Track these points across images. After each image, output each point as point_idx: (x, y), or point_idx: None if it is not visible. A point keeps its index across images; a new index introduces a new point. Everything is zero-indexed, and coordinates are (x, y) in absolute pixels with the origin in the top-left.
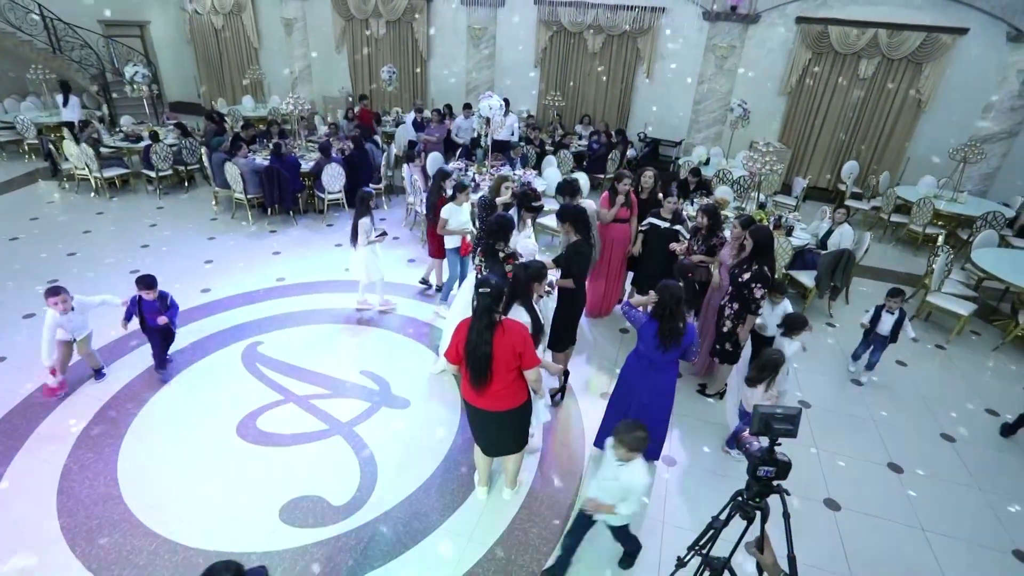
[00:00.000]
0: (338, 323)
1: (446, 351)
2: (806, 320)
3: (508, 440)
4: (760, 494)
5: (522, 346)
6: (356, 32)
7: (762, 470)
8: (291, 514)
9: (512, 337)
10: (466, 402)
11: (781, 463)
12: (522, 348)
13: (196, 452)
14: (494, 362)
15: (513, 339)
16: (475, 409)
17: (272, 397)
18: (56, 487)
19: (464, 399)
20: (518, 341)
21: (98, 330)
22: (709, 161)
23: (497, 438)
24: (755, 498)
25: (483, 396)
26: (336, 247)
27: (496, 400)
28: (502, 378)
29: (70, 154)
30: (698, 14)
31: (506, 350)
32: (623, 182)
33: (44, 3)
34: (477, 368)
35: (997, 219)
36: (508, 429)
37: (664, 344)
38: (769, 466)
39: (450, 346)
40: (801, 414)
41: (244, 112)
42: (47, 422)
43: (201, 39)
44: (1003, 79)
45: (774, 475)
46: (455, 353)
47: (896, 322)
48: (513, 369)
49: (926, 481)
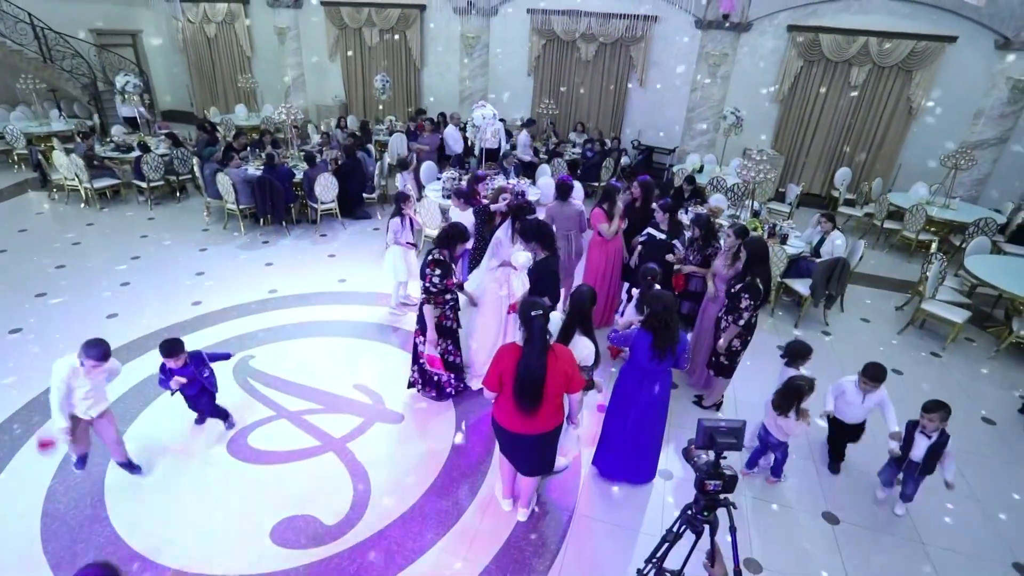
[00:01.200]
0: (331, 336)
1: (485, 379)
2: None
3: (545, 461)
4: (708, 507)
5: (572, 368)
6: (350, 41)
7: (709, 484)
8: (282, 535)
9: (563, 360)
10: (504, 429)
11: (727, 476)
12: (572, 370)
13: (186, 471)
14: (547, 387)
15: (564, 362)
16: (513, 434)
17: (264, 413)
18: (40, 509)
19: (501, 426)
20: (568, 363)
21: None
22: (703, 169)
23: (536, 458)
24: (703, 511)
25: (528, 421)
26: (329, 257)
27: (542, 422)
28: (551, 401)
29: (60, 164)
30: (690, 22)
31: (558, 373)
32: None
33: (35, 12)
34: (531, 393)
35: (989, 225)
36: (547, 450)
37: (659, 354)
38: (716, 480)
39: (490, 374)
40: (744, 427)
41: (237, 121)
42: (31, 442)
43: (194, 48)
44: (992, 86)
45: (721, 488)
46: (496, 381)
47: (932, 448)
48: (561, 393)
49: (924, 493)
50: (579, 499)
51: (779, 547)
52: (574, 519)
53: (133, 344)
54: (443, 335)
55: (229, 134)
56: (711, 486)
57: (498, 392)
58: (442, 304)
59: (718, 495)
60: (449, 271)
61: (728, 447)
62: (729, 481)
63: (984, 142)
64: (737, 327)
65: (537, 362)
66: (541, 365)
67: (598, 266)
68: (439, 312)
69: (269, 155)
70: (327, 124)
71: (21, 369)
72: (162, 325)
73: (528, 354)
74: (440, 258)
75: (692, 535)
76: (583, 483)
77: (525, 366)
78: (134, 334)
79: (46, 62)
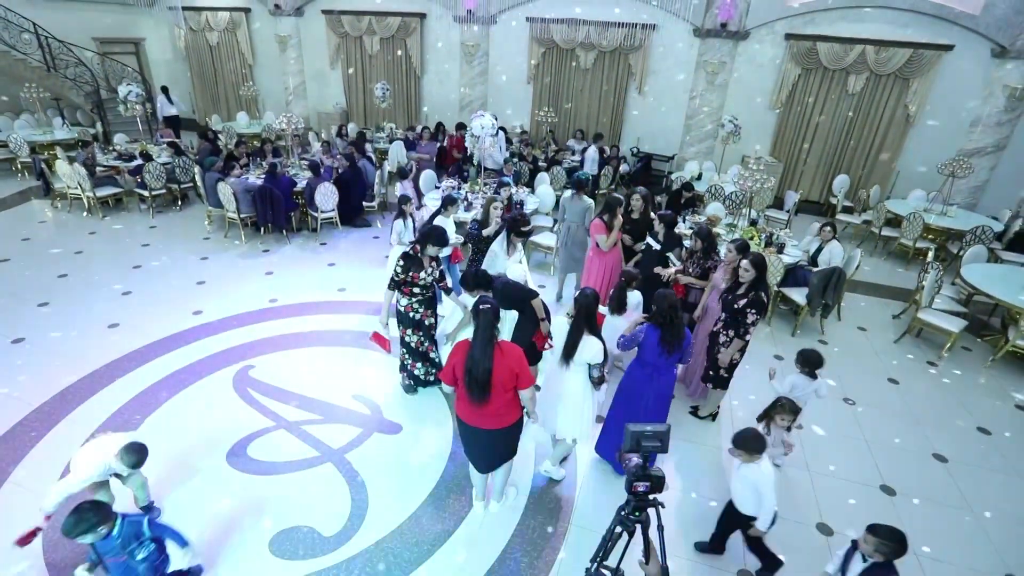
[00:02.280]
0: (330, 346)
1: (441, 371)
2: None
3: (500, 456)
4: (638, 508)
5: (519, 367)
6: (350, 49)
7: (639, 485)
8: (281, 546)
9: (510, 358)
10: (461, 421)
11: (655, 477)
12: (519, 369)
13: (186, 481)
14: (493, 379)
15: (511, 360)
16: (471, 428)
17: (263, 423)
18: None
19: (459, 418)
20: (515, 362)
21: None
22: (701, 176)
23: (491, 455)
24: (634, 511)
25: (481, 414)
26: (329, 266)
27: (493, 419)
28: (499, 397)
29: (62, 173)
30: (689, 31)
31: (504, 370)
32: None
33: (39, 22)
34: (478, 386)
35: (986, 233)
36: (501, 445)
37: (668, 349)
38: (644, 481)
39: (447, 366)
40: (670, 431)
41: (238, 129)
42: (33, 453)
43: (196, 56)
44: (989, 94)
45: (649, 489)
46: (451, 374)
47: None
48: (510, 389)
49: (918, 503)
50: (575, 509)
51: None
52: (570, 530)
53: (134, 354)
54: (408, 325)
55: (231, 142)
56: (640, 487)
57: (453, 384)
58: (408, 294)
59: (647, 496)
60: (418, 266)
61: (654, 450)
62: (657, 482)
63: (981, 150)
64: (743, 342)
65: (482, 353)
66: (486, 357)
67: (597, 275)
68: (406, 303)
69: (272, 165)
70: (328, 132)
71: (25, 379)
72: (163, 334)
73: (474, 346)
74: (410, 252)
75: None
76: (578, 493)
77: (471, 357)
78: (135, 344)
79: (50, 71)
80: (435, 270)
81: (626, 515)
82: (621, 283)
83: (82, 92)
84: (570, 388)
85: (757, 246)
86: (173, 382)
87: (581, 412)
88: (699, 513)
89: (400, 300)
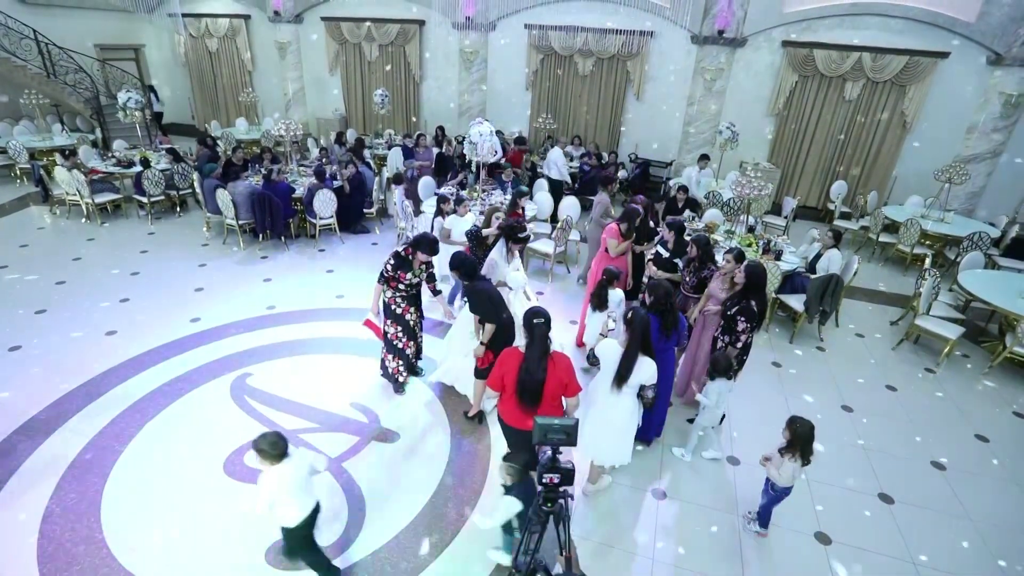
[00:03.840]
0: (328, 353)
1: (488, 380)
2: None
3: None
4: (549, 499)
5: (568, 376)
6: (349, 55)
7: (547, 477)
8: (277, 556)
9: (560, 368)
10: (507, 425)
11: (564, 470)
12: (568, 378)
13: (182, 491)
14: (545, 390)
15: (561, 371)
16: (517, 430)
17: (261, 432)
18: (37, 530)
19: (505, 422)
20: (565, 372)
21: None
22: (700, 182)
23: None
24: (546, 503)
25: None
26: (327, 273)
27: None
28: (548, 404)
29: (61, 180)
30: (686, 38)
31: (555, 381)
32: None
33: (39, 28)
34: (531, 393)
35: (983, 239)
36: None
37: (666, 333)
38: (553, 473)
39: (493, 375)
40: (578, 425)
41: (237, 135)
42: (29, 462)
43: (195, 62)
44: (985, 100)
45: (559, 481)
46: (500, 381)
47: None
48: (558, 396)
49: (917, 512)
50: (572, 519)
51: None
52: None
53: (132, 362)
54: (388, 316)
55: (229, 148)
56: (550, 479)
57: (500, 392)
58: (394, 288)
59: (558, 487)
60: (407, 267)
61: (561, 443)
62: (566, 474)
63: (978, 156)
64: (735, 349)
65: (537, 366)
66: (541, 368)
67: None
68: (390, 295)
69: (268, 171)
70: (327, 139)
71: (21, 387)
72: (161, 342)
73: (529, 358)
74: (401, 252)
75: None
76: (576, 504)
77: (526, 370)
78: (133, 351)
79: (50, 77)
80: (424, 272)
81: (538, 506)
82: (602, 280)
83: (82, 98)
84: (619, 412)
85: (755, 253)
86: (171, 390)
87: (627, 437)
88: (702, 522)
89: (386, 291)
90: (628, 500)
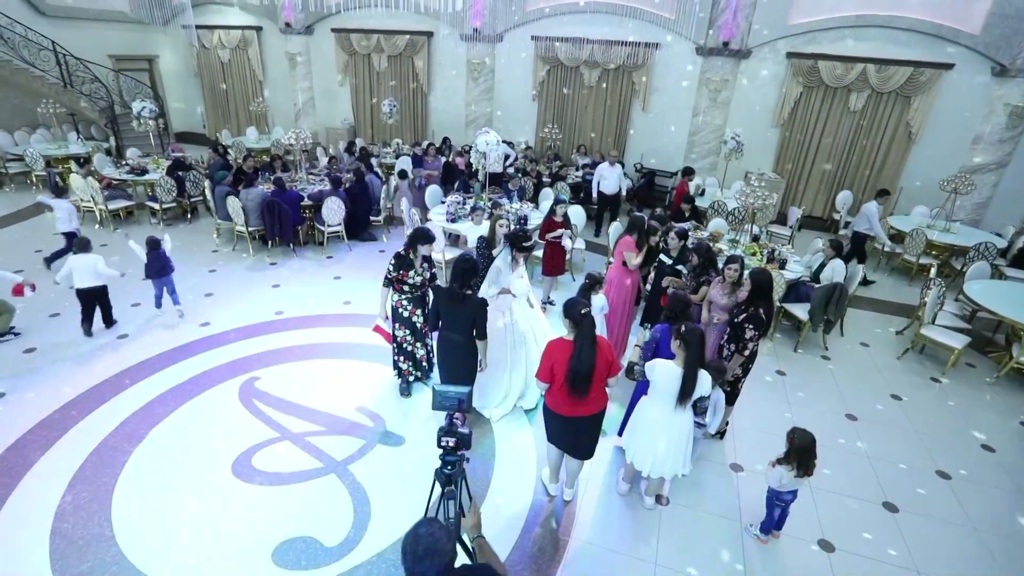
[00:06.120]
0: (335, 358)
1: (538, 372)
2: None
3: (591, 440)
4: (448, 462)
5: (611, 355)
6: (359, 66)
7: (443, 440)
8: (284, 556)
9: (605, 349)
10: (558, 415)
11: (461, 435)
12: (612, 357)
13: (191, 491)
14: (595, 373)
15: (606, 351)
16: (570, 419)
17: (268, 434)
18: (50, 527)
19: (555, 412)
20: (608, 351)
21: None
22: (704, 192)
23: (589, 439)
24: (446, 466)
25: (583, 404)
26: (335, 279)
27: (592, 404)
28: (597, 386)
29: (76, 186)
30: (691, 49)
31: (603, 362)
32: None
33: (58, 40)
34: (583, 380)
35: (989, 249)
36: (594, 428)
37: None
38: (450, 436)
39: (542, 367)
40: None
41: (248, 144)
42: (43, 460)
43: (207, 72)
44: (991, 111)
45: (455, 445)
46: (549, 372)
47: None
48: (604, 377)
49: (921, 521)
50: (576, 523)
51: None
52: (571, 542)
53: (143, 364)
54: (397, 320)
55: (240, 156)
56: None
57: (549, 382)
58: (399, 291)
59: (456, 450)
60: (408, 265)
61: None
62: (463, 439)
63: (984, 167)
64: (742, 356)
65: (588, 353)
66: (591, 356)
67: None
68: (397, 299)
69: (278, 179)
70: (335, 147)
71: (36, 387)
72: (171, 345)
73: (580, 347)
74: (402, 253)
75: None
76: (579, 507)
77: (578, 359)
78: (144, 355)
79: (66, 87)
80: (426, 271)
81: (439, 469)
82: (585, 285)
83: (97, 107)
84: (680, 427)
85: (759, 262)
86: (180, 393)
87: (688, 447)
88: (705, 528)
89: (392, 296)
90: (631, 505)
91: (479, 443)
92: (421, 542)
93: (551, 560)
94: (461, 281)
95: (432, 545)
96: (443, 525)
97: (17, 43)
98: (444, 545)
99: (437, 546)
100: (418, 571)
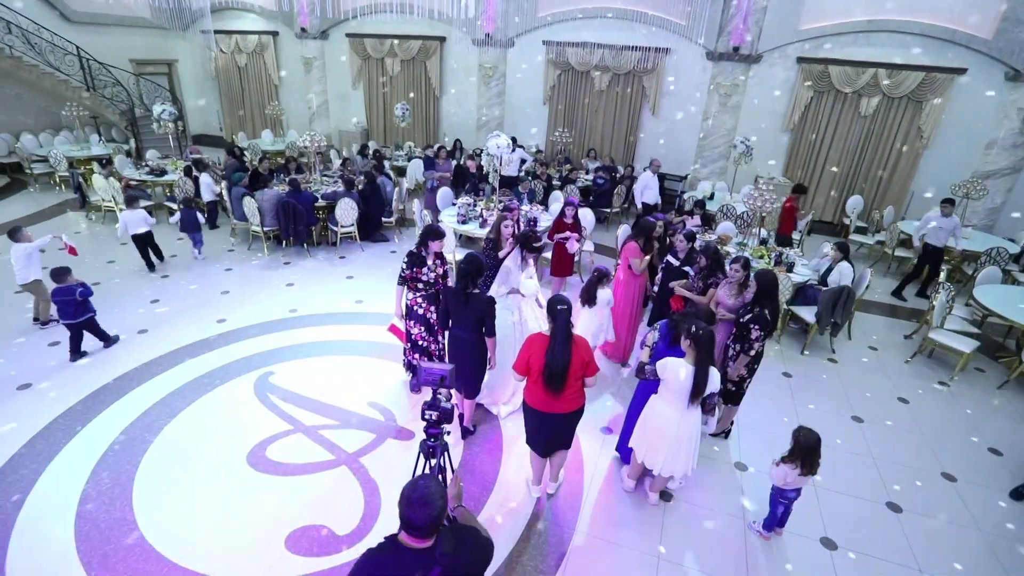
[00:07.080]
0: (347, 355)
1: (515, 363)
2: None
3: (567, 437)
4: (431, 434)
5: (588, 356)
6: (372, 70)
7: (427, 414)
8: (297, 543)
9: (582, 349)
10: (533, 409)
11: (443, 409)
12: (588, 358)
13: (208, 480)
14: (570, 371)
15: (582, 351)
16: (543, 414)
17: (282, 427)
18: (75, 511)
19: (532, 407)
20: (585, 351)
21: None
22: (714, 196)
23: (559, 436)
24: (430, 438)
25: (557, 400)
26: (348, 279)
27: (567, 402)
28: (572, 384)
29: (98, 187)
30: (702, 54)
31: (578, 361)
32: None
33: (82, 44)
34: (558, 375)
35: (1001, 255)
36: (570, 427)
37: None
38: (433, 410)
39: (519, 359)
40: (453, 372)
41: (263, 146)
42: (67, 448)
43: (225, 76)
44: (1004, 116)
45: (438, 419)
46: (525, 365)
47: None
48: (580, 377)
49: (925, 521)
50: (580, 518)
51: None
52: (575, 536)
53: (162, 359)
54: (412, 318)
55: (255, 159)
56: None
57: (525, 375)
58: (413, 289)
59: (439, 423)
60: (420, 262)
61: (440, 385)
62: (445, 413)
63: (997, 171)
64: (747, 357)
65: (562, 349)
66: (566, 352)
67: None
68: (411, 296)
69: (293, 180)
70: (348, 150)
71: (60, 380)
72: (189, 341)
73: (554, 343)
74: (414, 251)
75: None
76: (585, 500)
77: (552, 353)
78: (163, 349)
79: (89, 90)
80: (438, 267)
81: (424, 441)
82: (592, 279)
83: (118, 110)
84: (690, 425)
85: (767, 264)
86: (198, 386)
87: (696, 445)
88: (708, 524)
89: (407, 294)
90: (635, 501)
91: (487, 439)
92: (417, 490)
93: (555, 554)
94: (467, 280)
95: (426, 495)
96: (439, 483)
97: (44, 48)
98: (436, 499)
99: (430, 497)
100: (410, 515)
